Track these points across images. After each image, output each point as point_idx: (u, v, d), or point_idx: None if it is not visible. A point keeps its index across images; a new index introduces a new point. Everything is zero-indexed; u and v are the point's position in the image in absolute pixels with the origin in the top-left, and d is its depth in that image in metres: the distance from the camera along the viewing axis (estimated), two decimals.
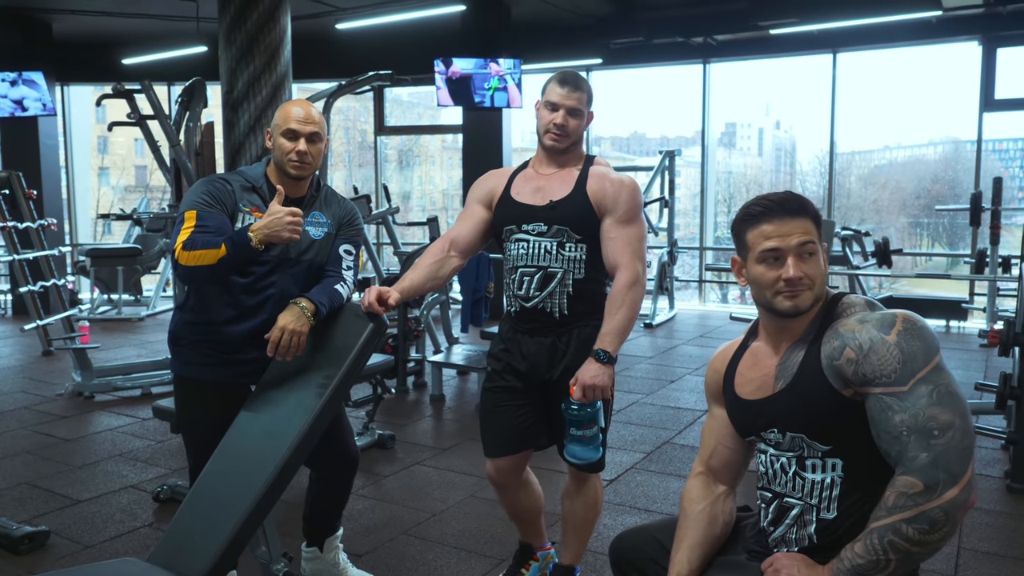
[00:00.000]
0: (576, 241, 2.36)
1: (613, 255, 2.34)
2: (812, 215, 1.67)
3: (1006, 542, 3.24)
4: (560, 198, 2.37)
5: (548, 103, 2.38)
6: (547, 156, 2.45)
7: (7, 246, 5.90)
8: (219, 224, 2.30)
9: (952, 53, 15.79)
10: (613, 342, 2.27)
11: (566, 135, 2.38)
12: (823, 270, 1.67)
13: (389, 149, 18.97)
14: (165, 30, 9.46)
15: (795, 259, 1.63)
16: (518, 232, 2.41)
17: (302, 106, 2.40)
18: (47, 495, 3.77)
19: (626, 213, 2.35)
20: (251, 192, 2.41)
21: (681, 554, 1.76)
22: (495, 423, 2.52)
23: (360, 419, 4.52)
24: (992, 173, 8.52)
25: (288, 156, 2.35)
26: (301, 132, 2.35)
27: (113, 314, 9.26)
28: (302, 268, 2.42)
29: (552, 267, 2.36)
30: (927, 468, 1.45)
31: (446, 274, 2.46)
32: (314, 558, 2.78)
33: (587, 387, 2.23)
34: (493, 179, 2.53)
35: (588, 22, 9.39)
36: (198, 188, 2.37)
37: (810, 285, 1.64)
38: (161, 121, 5.71)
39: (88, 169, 12.11)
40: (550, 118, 2.37)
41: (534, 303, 2.39)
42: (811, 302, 1.65)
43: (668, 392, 5.71)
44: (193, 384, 2.46)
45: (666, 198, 9.07)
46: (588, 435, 2.30)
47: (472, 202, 2.53)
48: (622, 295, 2.29)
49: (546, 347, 2.41)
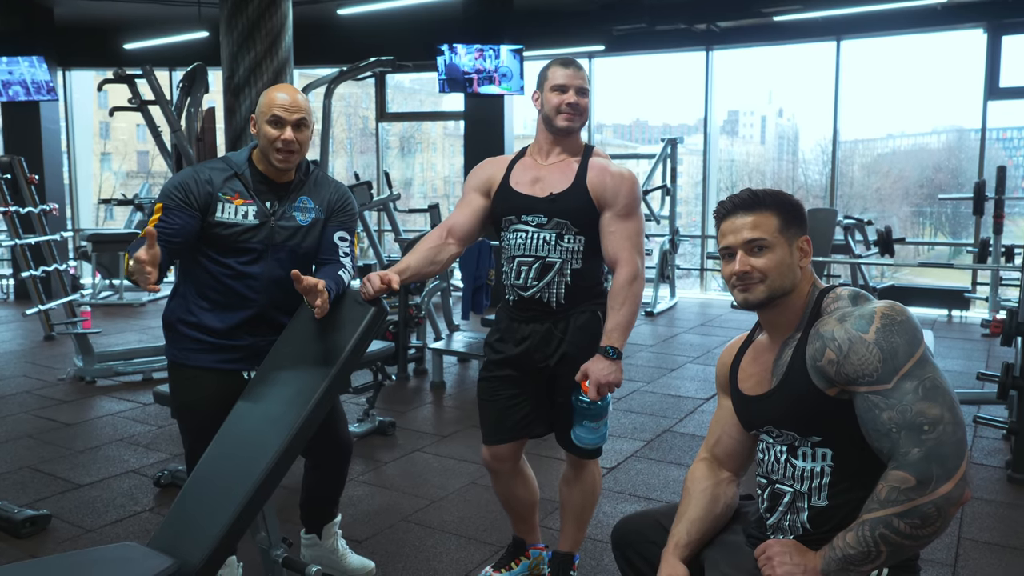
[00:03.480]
0: (575, 233, 2.37)
1: (613, 249, 2.35)
2: (774, 208, 1.68)
3: (1007, 532, 3.24)
4: (560, 191, 2.37)
5: (555, 87, 2.37)
6: (548, 144, 2.44)
7: (9, 231, 5.90)
8: (177, 225, 2.26)
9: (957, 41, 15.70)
10: (620, 338, 2.29)
11: (579, 113, 2.37)
12: (784, 262, 1.67)
13: (391, 136, 18.93)
14: (167, 15, 9.42)
15: (743, 254, 1.67)
16: (517, 223, 2.41)
17: (287, 91, 2.34)
18: (48, 479, 3.78)
19: (626, 207, 2.35)
20: (233, 179, 2.37)
21: (681, 526, 1.78)
22: (491, 412, 2.53)
23: (361, 405, 4.52)
24: (996, 162, 8.49)
25: (274, 144, 2.30)
26: (287, 120, 2.30)
27: (115, 299, 9.27)
28: (287, 253, 2.40)
29: (550, 257, 2.37)
30: (920, 463, 1.44)
31: (444, 260, 2.46)
32: (313, 544, 2.79)
33: (601, 385, 2.25)
34: (491, 167, 2.52)
35: (590, 8, 9.34)
36: (176, 178, 2.35)
37: (762, 278, 1.67)
38: (162, 106, 5.69)
39: (90, 154, 12.10)
40: (561, 99, 2.36)
41: (532, 292, 2.39)
42: (765, 295, 1.68)
43: (669, 380, 5.71)
44: (187, 369, 2.46)
45: (668, 186, 9.05)
46: (600, 425, 2.36)
47: (470, 190, 2.52)
48: (624, 291, 2.31)
49: (541, 333, 2.41)
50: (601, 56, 10.02)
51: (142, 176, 23.05)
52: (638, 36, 9.45)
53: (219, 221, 2.33)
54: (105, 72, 6.46)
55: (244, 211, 2.35)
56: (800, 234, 1.70)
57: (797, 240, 1.69)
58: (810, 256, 1.72)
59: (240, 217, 2.35)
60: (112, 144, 25.08)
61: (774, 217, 1.67)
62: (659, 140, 9.37)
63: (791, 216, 1.69)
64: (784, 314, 1.71)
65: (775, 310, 1.71)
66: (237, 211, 2.35)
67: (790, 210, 1.69)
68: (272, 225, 2.38)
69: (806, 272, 1.71)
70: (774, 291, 1.67)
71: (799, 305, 1.70)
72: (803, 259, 1.70)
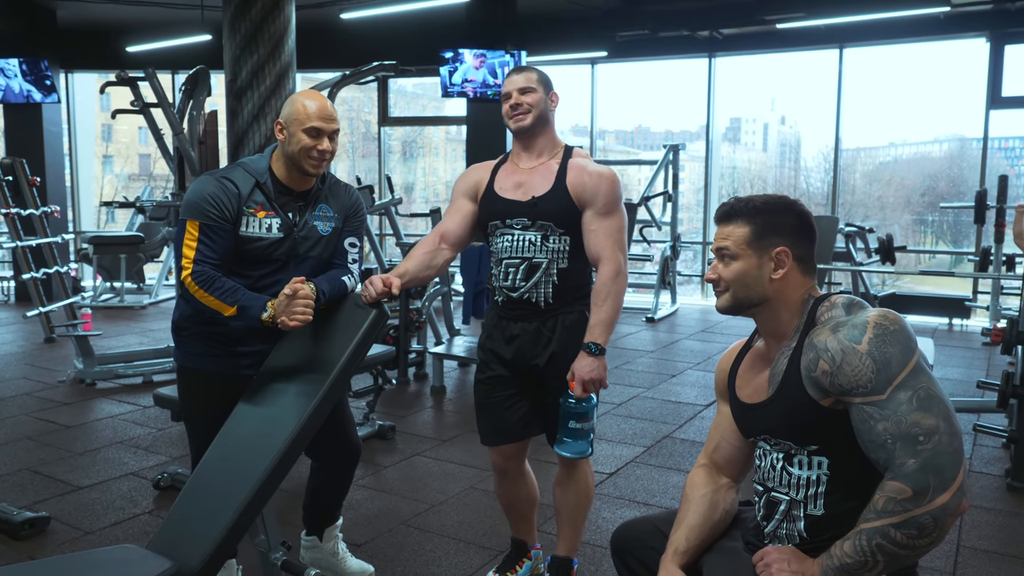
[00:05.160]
0: (560, 234, 2.42)
1: (595, 247, 2.39)
2: (748, 219, 1.69)
3: (1006, 540, 3.24)
4: (541, 194, 2.42)
5: (503, 96, 2.48)
6: (522, 146, 2.51)
7: (10, 233, 5.92)
8: (222, 246, 2.26)
9: (959, 50, 15.75)
10: (602, 334, 2.35)
11: (525, 111, 2.43)
12: (749, 273, 1.68)
13: (393, 140, 18.93)
14: (170, 18, 9.45)
15: (716, 262, 1.72)
16: (503, 227, 2.47)
17: (321, 100, 2.33)
18: (48, 481, 3.78)
19: (606, 205, 2.40)
20: (255, 189, 2.34)
21: (680, 533, 1.77)
22: (488, 415, 2.57)
23: (361, 409, 4.52)
24: (998, 171, 8.48)
25: (310, 153, 2.30)
26: (326, 131, 2.30)
27: (115, 302, 9.27)
28: (310, 264, 2.41)
29: (537, 258, 2.42)
30: (916, 474, 1.44)
31: (439, 264, 2.51)
32: (313, 547, 2.79)
33: (587, 382, 2.30)
34: (476, 173, 2.59)
35: (593, 14, 9.36)
36: (203, 190, 2.28)
37: (726, 287, 1.70)
38: (165, 109, 5.70)
39: (92, 157, 12.12)
40: (505, 107, 2.47)
41: (520, 293, 2.44)
42: (728, 303, 1.72)
43: (669, 386, 5.70)
44: (196, 374, 2.46)
45: (670, 192, 9.05)
46: (586, 428, 2.36)
47: (458, 196, 2.58)
48: (607, 287, 2.36)
49: (530, 332, 2.46)
50: (604, 62, 10.04)
51: (144, 179, 23.08)
52: (641, 42, 9.47)
53: (244, 235, 2.31)
54: (108, 75, 6.49)
55: (268, 224, 2.34)
56: (776, 245, 1.67)
57: (771, 251, 1.67)
58: (787, 267, 1.67)
59: (264, 230, 2.33)
60: (114, 146, 25.10)
61: (746, 227, 1.68)
62: (661, 146, 9.38)
63: (768, 227, 1.67)
64: (775, 322, 1.70)
65: (764, 317, 1.71)
66: (261, 224, 2.33)
67: (769, 221, 1.67)
68: (295, 236, 2.37)
69: (792, 281, 1.68)
70: (738, 300, 1.70)
71: (791, 313, 1.69)
72: (777, 270, 1.67)
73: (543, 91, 2.45)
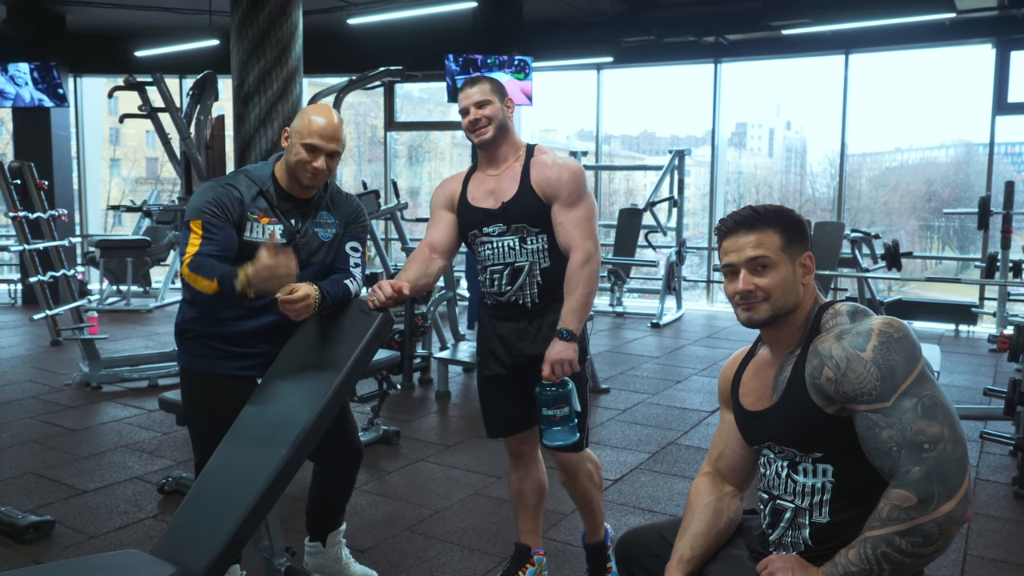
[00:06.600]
0: (536, 234, 2.48)
1: (565, 239, 2.44)
2: (776, 225, 1.67)
3: (1013, 549, 3.22)
4: (510, 197, 2.48)
5: (461, 111, 2.52)
6: (487, 157, 2.56)
7: (18, 236, 5.93)
8: (224, 240, 2.27)
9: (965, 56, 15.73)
10: (574, 320, 2.40)
11: (484, 125, 2.48)
12: (788, 280, 1.66)
13: (399, 145, 19.00)
14: (177, 23, 9.47)
15: (747, 273, 1.66)
16: (481, 236, 2.53)
17: (327, 117, 2.34)
18: (53, 485, 3.78)
19: (570, 196, 2.44)
20: (258, 196, 2.37)
21: (684, 541, 1.77)
22: (490, 410, 2.68)
23: (365, 414, 4.52)
24: (1004, 177, 8.47)
25: (304, 167, 2.33)
26: (323, 149, 2.32)
27: (122, 305, 9.30)
28: (312, 270, 2.42)
29: (518, 261, 2.49)
30: (921, 482, 1.43)
31: (434, 272, 2.58)
32: (317, 552, 2.79)
33: (554, 363, 2.37)
34: (449, 185, 2.65)
35: (599, 20, 9.36)
36: (205, 193, 2.32)
37: (765, 297, 1.66)
38: (172, 114, 5.72)
39: (99, 160, 12.16)
40: (465, 122, 2.51)
41: (507, 297, 2.52)
42: (769, 314, 1.67)
43: (674, 392, 5.69)
44: (200, 377, 2.47)
45: (675, 197, 9.05)
46: (559, 415, 2.39)
47: (436, 208, 2.65)
48: (576, 275, 2.41)
49: (517, 330, 2.54)
50: (609, 67, 10.04)
51: (151, 182, 23.14)
52: (647, 48, 9.47)
53: (248, 241, 2.34)
54: (116, 79, 6.51)
55: (271, 230, 2.37)
56: (803, 251, 1.69)
57: (800, 257, 1.68)
58: (812, 272, 1.71)
59: (267, 236, 2.36)
60: (121, 150, 25.19)
61: (776, 235, 1.66)
62: (667, 152, 9.38)
63: (793, 233, 1.68)
64: (786, 330, 1.70)
65: (777, 326, 1.71)
66: (264, 230, 2.36)
67: (792, 227, 1.68)
68: (297, 243, 2.39)
69: (809, 288, 1.70)
70: (778, 310, 1.67)
71: (801, 321, 1.69)
72: (806, 276, 1.69)
73: (498, 100, 2.49)
